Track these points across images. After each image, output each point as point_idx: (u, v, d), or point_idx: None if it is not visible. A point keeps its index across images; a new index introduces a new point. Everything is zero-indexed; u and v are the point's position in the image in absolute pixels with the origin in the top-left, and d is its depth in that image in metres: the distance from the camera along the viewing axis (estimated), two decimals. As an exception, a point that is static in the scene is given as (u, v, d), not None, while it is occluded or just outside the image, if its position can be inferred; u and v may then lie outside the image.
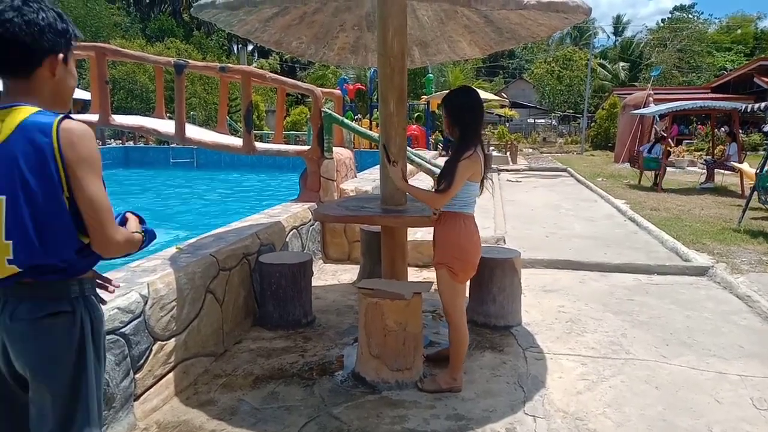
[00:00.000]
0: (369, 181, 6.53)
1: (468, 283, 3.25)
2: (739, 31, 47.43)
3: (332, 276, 5.26)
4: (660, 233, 6.97)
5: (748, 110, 8.88)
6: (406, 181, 3.10)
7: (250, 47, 52.70)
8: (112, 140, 22.34)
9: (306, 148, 5.82)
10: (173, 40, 37.36)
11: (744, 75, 27.95)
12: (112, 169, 16.65)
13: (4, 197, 1.46)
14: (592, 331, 3.91)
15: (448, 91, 2.92)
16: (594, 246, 6.65)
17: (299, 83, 5.96)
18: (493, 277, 3.86)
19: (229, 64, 5.78)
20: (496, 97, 21.53)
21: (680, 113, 14.52)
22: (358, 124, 13.34)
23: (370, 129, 13.08)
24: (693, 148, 21.62)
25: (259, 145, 5.84)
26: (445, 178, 2.74)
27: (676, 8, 54.88)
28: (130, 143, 20.43)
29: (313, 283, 4.65)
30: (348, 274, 5.31)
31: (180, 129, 5.72)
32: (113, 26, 37.49)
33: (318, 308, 4.26)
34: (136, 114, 13.03)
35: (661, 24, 50.34)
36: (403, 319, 2.95)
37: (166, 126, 6.10)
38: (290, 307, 3.88)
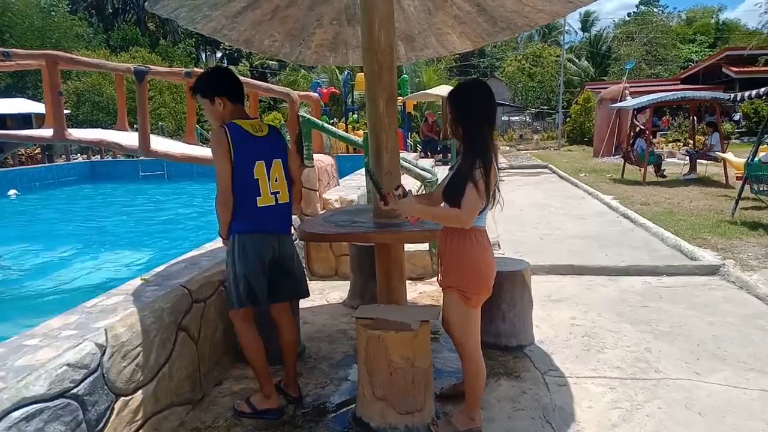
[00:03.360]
0: (353, 189, 6.10)
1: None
2: (701, 21, 48.38)
3: (319, 295, 4.82)
4: (659, 230, 6.69)
5: (738, 99, 8.66)
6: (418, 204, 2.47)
7: (219, 54, 51.78)
8: (78, 155, 21.45)
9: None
10: (138, 50, 36.34)
11: (712, 65, 28.31)
12: (77, 185, 15.91)
13: (281, 159, 2.81)
14: (612, 346, 3.54)
15: (456, 86, 2.49)
16: (592, 247, 6.33)
17: (273, 86, 5.51)
18: (502, 292, 3.46)
19: (196, 69, 5.30)
20: (472, 96, 21.20)
21: (662, 105, 14.40)
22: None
23: (346, 132, 12.67)
24: (670, 139, 21.68)
25: (232, 155, 5.37)
26: (455, 197, 2.33)
27: (641, 2, 55.76)
28: (97, 157, 19.62)
29: (300, 304, 4.21)
30: (337, 291, 4.87)
31: (144, 141, 5.24)
32: (75, 37, 36.28)
33: (307, 335, 3.82)
34: (103, 128, 12.34)
35: (627, 18, 51.10)
36: (410, 353, 2.53)
37: (130, 138, 5.61)
38: (276, 337, 3.41)
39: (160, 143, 5.62)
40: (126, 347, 2.45)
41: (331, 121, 18.05)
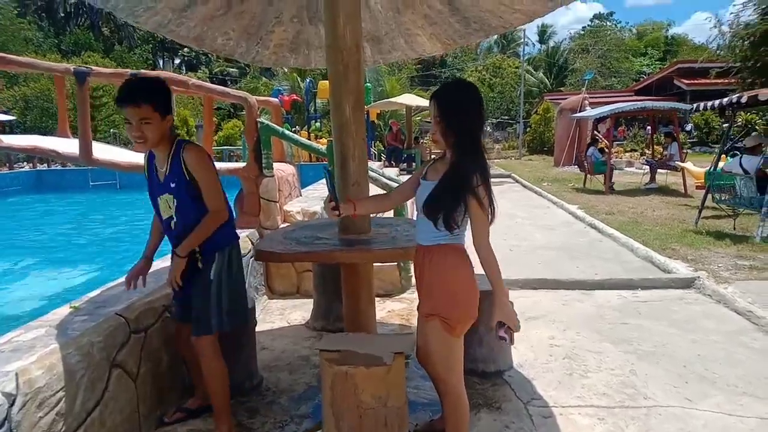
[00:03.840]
0: (317, 200, 5.75)
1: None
2: (651, 35, 50.31)
3: (279, 316, 4.44)
4: (628, 240, 6.60)
5: (698, 109, 8.72)
6: None
7: (177, 60, 50.56)
8: (25, 163, 20.29)
9: (241, 165, 4.99)
10: (91, 55, 35.06)
11: (664, 77, 29.25)
12: (21, 195, 14.99)
13: None
14: (595, 369, 3.31)
15: (442, 85, 2.18)
16: (562, 258, 6.16)
17: (230, 90, 5.13)
18: (479, 313, 3.18)
19: (144, 71, 4.88)
20: (436, 105, 21.11)
21: (623, 115, 14.63)
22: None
23: (309, 141, 12.29)
24: (627, 149, 22.14)
25: (183, 164, 4.97)
26: (443, 210, 2.03)
27: (595, 16, 57.53)
28: (44, 166, 18.59)
29: (257, 327, 3.85)
30: (298, 311, 4.51)
31: (85, 149, 4.75)
32: (23, 41, 34.64)
33: (265, 364, 3.45)
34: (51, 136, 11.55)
35: (582, 32, 52.63)
36: (383, 391, 2.21)
37: (69, 146, 5.11)
38: (229, 369, 3.04)
39: (103, 151, 5.13)
40: (43, 393, 2.04)
41: (293, 129, 17.65)
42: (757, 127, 20.29)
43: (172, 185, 2.47)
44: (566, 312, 4.35)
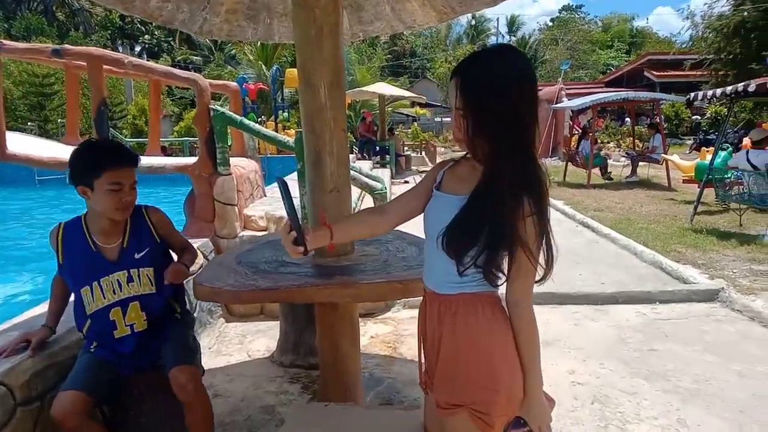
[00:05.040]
0: (282, 201, 4.96)
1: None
2: (616, 27, 50.95)
3: (238, 345, 3.66)
4: (628, 242, 6.02)
5: (699, 98, 8.17)
6: None
7: (137, 48, 48.38)
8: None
9: (191, 160, 4.18)
10: (44, 40, 33.08)
11: (634, 69, 29.34)
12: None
13: None
14: (634, 418, 2.66)
15: (468, 57, 1.33)
16: (562, 263, 5.44)
17: (176, 71, 4.30)
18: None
19: (67, 46, 4.01)
20: (412, 94, 20.33)
21: (604, 105, 14.23)
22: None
23: (276, 132, 11.41)
24: (603, 141, 21.86)
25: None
26: (474, 246, 1.29)
27: (564, 8, 57.81)
28: (-14, 159, 17.10)
29: (210, 362, 3.11)
30: (262, 339, 3.74)
31: (-4, 141, 3.88)
32: (-33, 25, 32.49)
33: (218, 419, 2.64)
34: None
35: (550, 24, 52.88)
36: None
37: (-21, 138, 4.20)
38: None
39: (21, 143, 4.25)
40: None
41: (260, 119, 16.67)
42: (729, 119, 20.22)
43: (138, 256, 2.10)
44: (581, 335, 3.70)
